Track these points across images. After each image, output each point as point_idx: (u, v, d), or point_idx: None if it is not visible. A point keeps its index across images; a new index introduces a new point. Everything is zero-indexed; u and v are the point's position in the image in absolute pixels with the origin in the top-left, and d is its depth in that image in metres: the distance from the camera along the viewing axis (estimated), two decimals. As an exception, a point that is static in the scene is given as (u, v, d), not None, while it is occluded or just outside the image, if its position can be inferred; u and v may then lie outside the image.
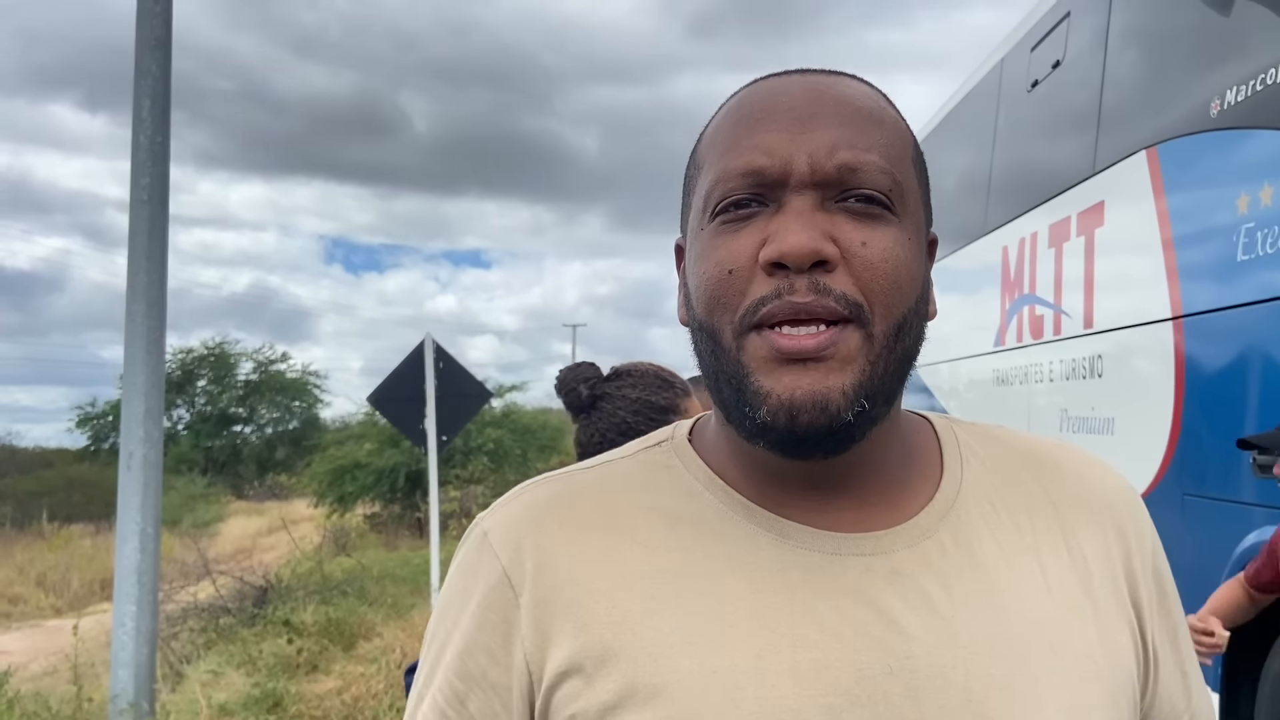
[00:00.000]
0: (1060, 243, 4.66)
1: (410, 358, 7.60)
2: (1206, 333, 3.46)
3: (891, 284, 0.71)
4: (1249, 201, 3.19)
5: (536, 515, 0.78)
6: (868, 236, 0.71)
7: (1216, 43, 3.53)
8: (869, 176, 0.72)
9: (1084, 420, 4.37)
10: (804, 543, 0.74)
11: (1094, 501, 0.81)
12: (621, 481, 0.80)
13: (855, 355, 0.70)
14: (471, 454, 18.53)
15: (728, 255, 0.72)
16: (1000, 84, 5.78)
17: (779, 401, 0.69)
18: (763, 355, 0.70)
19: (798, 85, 0.76)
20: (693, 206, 0.78)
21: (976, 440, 0.84)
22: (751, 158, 0.72)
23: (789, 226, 0.69)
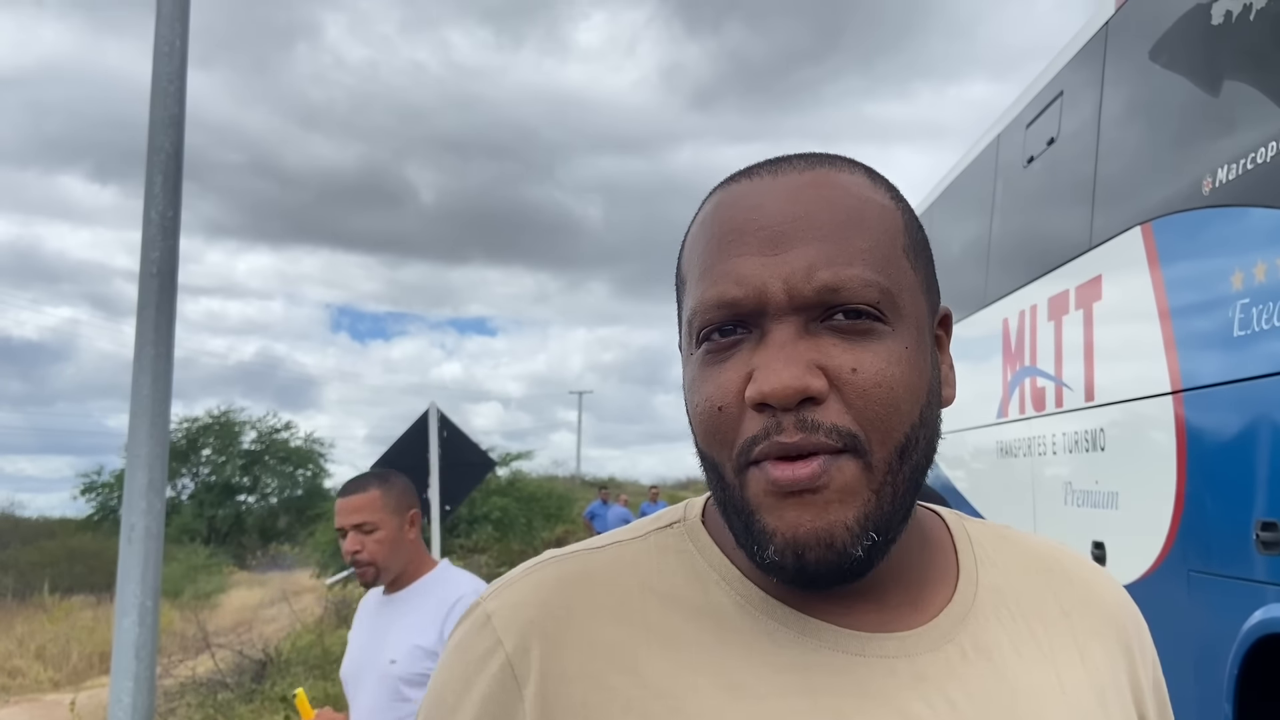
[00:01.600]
0: (1059, 315, 4.69)
1: (414, 426, 7.61)
2: (1207, 407, 3.47)
3: (888, 409, 0.67)
4: (1243, 278, 3.22)
5: (545, 598, 0.74)
6: (858, 360, 0.67)
7: (1207, 122, 3.60)
8: (853, 292, 0.68)
9: (1088, 494, 4.35)
10: (827, 641, 0.71)
11: (1102, 612, 0.80)
12: (633, 565, 0.76)
13: (855, 487, 0.67)
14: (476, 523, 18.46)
15: (716, 391, 0.69)
16: (997, 159, 5.87)
17: (784, 540, 0.67)
18: (762, 490, 0.67)
19: (771, 193, 0.71)
20: (681, 319, 0.76)
21: (988, 540, 0.82)
22: (724, 288, 0.69)
23: (769, 364, 0.66)
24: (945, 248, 7.04)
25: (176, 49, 5.58)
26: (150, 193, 5.46)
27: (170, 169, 5.44)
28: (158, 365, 5.36)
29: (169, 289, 5.48)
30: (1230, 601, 3.29)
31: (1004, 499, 5.53)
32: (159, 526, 5.23)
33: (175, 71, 5.58)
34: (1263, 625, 3.08)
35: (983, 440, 5.89)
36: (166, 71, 5.59)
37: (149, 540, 5.15)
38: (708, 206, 0.75)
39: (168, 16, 5.74)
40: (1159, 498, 3.73)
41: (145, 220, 5.45)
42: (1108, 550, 4.18)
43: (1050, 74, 5.17)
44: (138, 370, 5.35)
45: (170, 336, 5.50)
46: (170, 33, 5.68)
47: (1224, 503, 3.36)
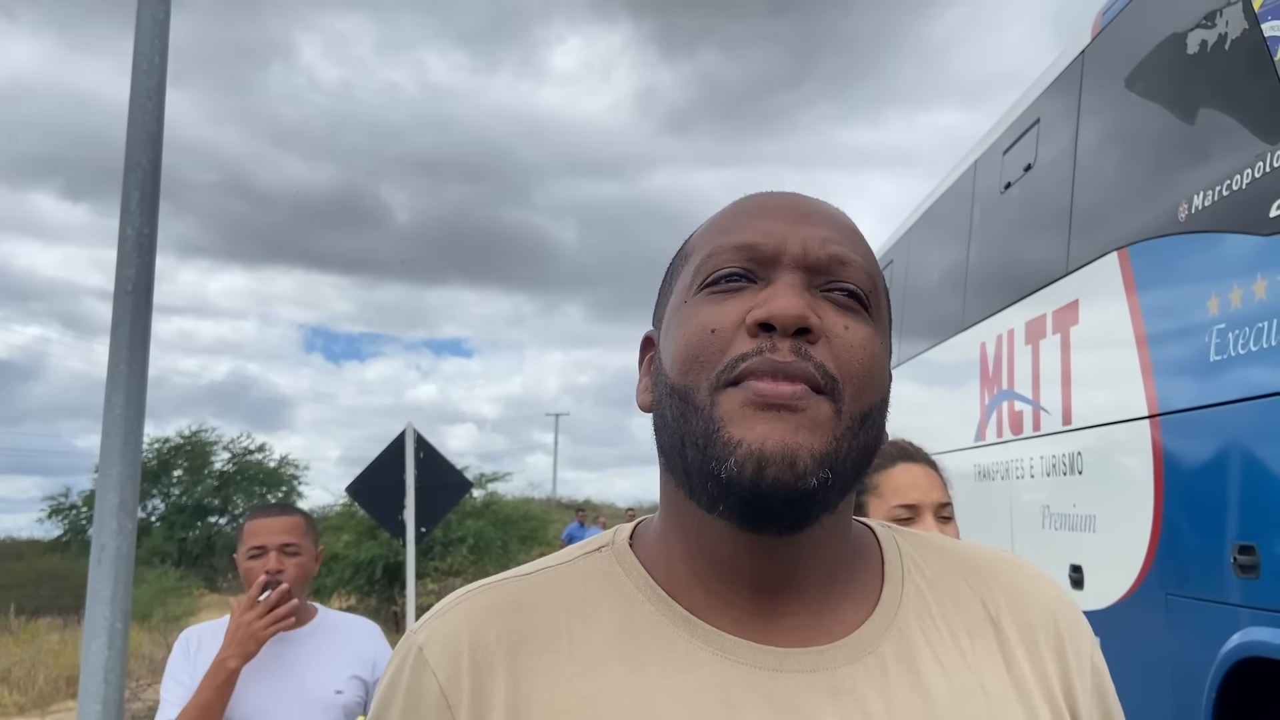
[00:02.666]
0: (1037, 340, 4.72)
1: (390, 447, 7.56)
2: (1184, 431, 3.50)
3: (866, 370, 0.72)
4: (1219, 303, 3.25)
5: (475, 627, 0.76)
6: (849, 323, 0.73)
7: (1183, 149, 3.64)
8: (855, 273, 0.75)
9: (1066, 517, 4.37)
10: (745, 658, 0.72)
11: (1033, 619, 0.80)
12: (561, 590, 0.78)
13: (825, 423, 0.70)
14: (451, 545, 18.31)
15: (712, 317, 0.73)
16: (974, 185, 5.92)
17: (748, 451, 0.68)
18: (737, 404, 0.70)
19: (790, 194, 0.81)
20: (674, 289, 0.81)
21: (918, 550, 0.83)
22: (745, 235, 0.76)
23: (779, 292, 0.72)
24: (923, 272, 7.08)
25: (155, 65, 5.55)
26: (126, 209, 5.41)
27: (147, 186, 5.40)
28: (131, 383, 5.30)
29: (144, 307, 5.42)
30: (1208, 625, 3.30)
31: (981, 522, 5.55)
32: (130, 547, 5.15)
33: (154, 87, 5.55)
34: (1240, 649, 3.09)
35: (960, 463, 5.91)
36: (145, 87, 5.56)
37: (119, 561, 5.08)
38: (728, 206, 0.83)
39: (147, 32, 5.71)
40: (1136, 521, 3.75)
41: (121, 237, 5.40)
42: (1085, 573, 4.19)
43: (1027, 101, 5.23)
44: (111, 388, 5.28)
45: (145, 355, 5.44)
46: (149, 49, 5.65)
47: (1201, 526, 3.38)
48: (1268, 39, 3.03)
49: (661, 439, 0.77)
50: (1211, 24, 3.38)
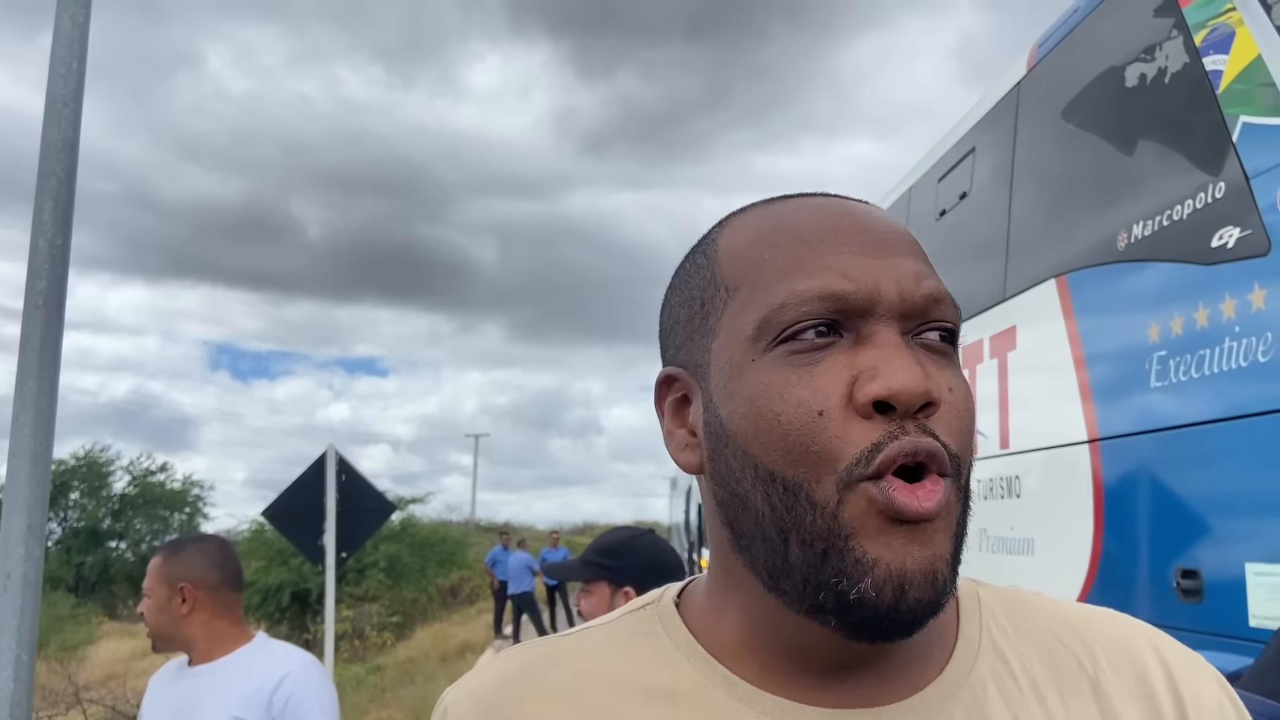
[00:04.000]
0: (974, 364, 4.79)
1: (310, 469, 7.35)
2: (1124, 456, 3.56)
3: (971, 434, 0.65)
4: (1160, 330, 3.32)
5: (501, 688, 0.73)
6: (952, 380, 0.65)
7: (1121, 180, 3.73)
8: (948, 310, 0.66)
9: (1003, 540, 4.42)
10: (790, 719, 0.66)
11: (1139, 671, 0.71)
12: (598, 649, 0.74)
13: (953, 517, 0.63)
14: (366, 570, 17.94)
15: (813, 394, 0.62)
16: (909, 211, 6.01)
17: (887, 572, 0.60)
18: (870, 512, 0.60)
19: (849, 207, 0.69)
20: (719, 332, 0.68)
21: (1000, 603, 0.76)
22: (828, 281, 0.63)
23: (892, 361, 0.61)
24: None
25: (73, 70, 5.33)
26: (39, 220, 5.16)
27: (62, 195, 5.16)
28: (40, 401, 5.04)
29: (55, 321, 5.17)
30: (1150, 648, 3.35)
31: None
32: (37, 575, 4.88)
33: (71, 94, 5.33)
34: (1183, 671, 3.14)
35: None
36: (62, 93, 5.33)
37: (26, 590, 4.80)
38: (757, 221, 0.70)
39: (65, 36, 5.49)
40: (1075, 545, 3.80)
41: (32, 249, 5.15)
42: (1022, 597, 4.24)
43: (961, 131, 5.32)
44: (19, 407, 5.02)
45: (55, 371, 5.18)
46: (67, 53, 5.43)
47: (1142, 551, 3.44)
48: (1209, 72, 3.12)
49: (742, 522, 0.66)
50: (1150, 57, 3.47)
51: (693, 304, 0.72)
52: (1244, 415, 2.91)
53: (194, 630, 2.55)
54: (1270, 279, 2.80)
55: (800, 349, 0.63)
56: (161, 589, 2.55)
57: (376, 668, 14.57)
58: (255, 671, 2.51)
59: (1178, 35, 3.31)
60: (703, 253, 0.73)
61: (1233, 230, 2.96)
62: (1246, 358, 2.88)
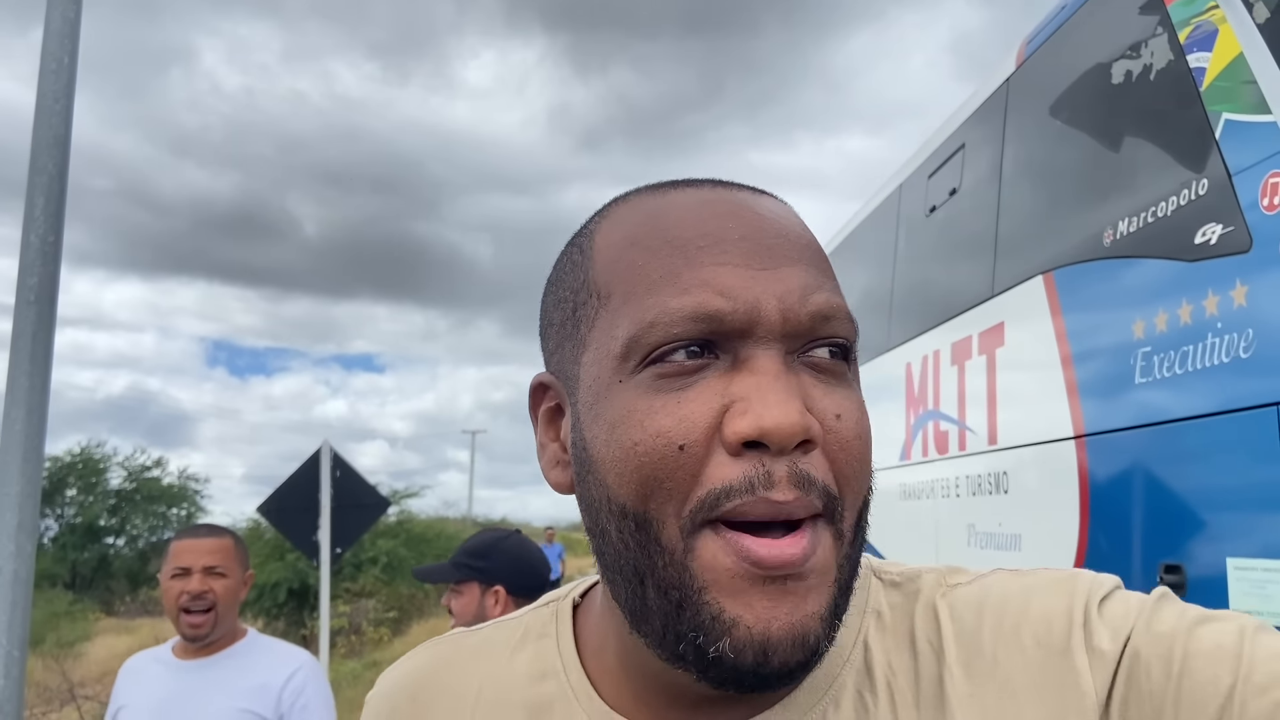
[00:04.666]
0: (963, 360, 4.80)
1: (305, 465, 7.37)
2: (1109, 452, 3.57)
3: (862, 465, 0.59)
4: (1145, 326, 3.33)
5: (404, 685, 0.76)
6: (839, 406, 0.59)
7: (1108, 177, 3.74)
8: (841, 325, 0.60)
9: (991, 536, 4.43)
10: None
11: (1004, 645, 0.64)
12: (495, 649, 0.75)
13: (829, 565, 0.57)
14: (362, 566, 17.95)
15: (676, 425, 0.56)
16: (899, 208, 6.02)
17: (747, 636, 0.54)
18: (725, 567, 0.55)
19: (737, 207, 0.61)
20: (589, 344, 0.62)
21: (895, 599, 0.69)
22: (704, 298, 0.57)
23: (767, 393, 0.55)
24: (847, 294, 7.16)
25: (65, 66, 5.33)
26: (30, 216, 5.17)
27: (53, 191, 5.17)
28: (32, 398, 5.05)
29: (47, 317, 5.18)
30: (1134, 642, 3.36)
31: (907, 541, 5.61)
32: (29, 571, 4.89)
33: (62, 90, 5.33)
34: (1166, 665, 3.16)
35: (885, 482, 5.98)
36: (53, 90, 5.33)
37: (17, 586, 4.81)
38: (634, 214, 0.63)
39: (56, 32, 5.48)
40: (1061, 541, 3.82)
41: (24, 245, 5.15)
42: (1010, 592, 4.26)
43: (951, 127, 5.33)
44: (10, 403, 5.02)
45: (47, 368, 5.19)
46: (59, 49, 5.42)
47: (1127, 546, 3.45)
48: (1193, 70, 3.13)
49: (605, 554, 0.61)
50: (1137, 54, 3.48)
51: (565, 306, 0.66)
52: (1226, 411, 2.93)
53: (233, 618, 2.57)
54: (1251, 275, 2.82)
55: (668, 372, 0.57)
56: (237, 570, 2.57)
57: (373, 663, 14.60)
58: (261, 666, 2.52)
59: (1163, 32, 3.32)
60: (579, 248, 0.67)
61: (1215, 227, 2.98)
62: (1229, 354, 2.90)
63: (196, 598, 2.49)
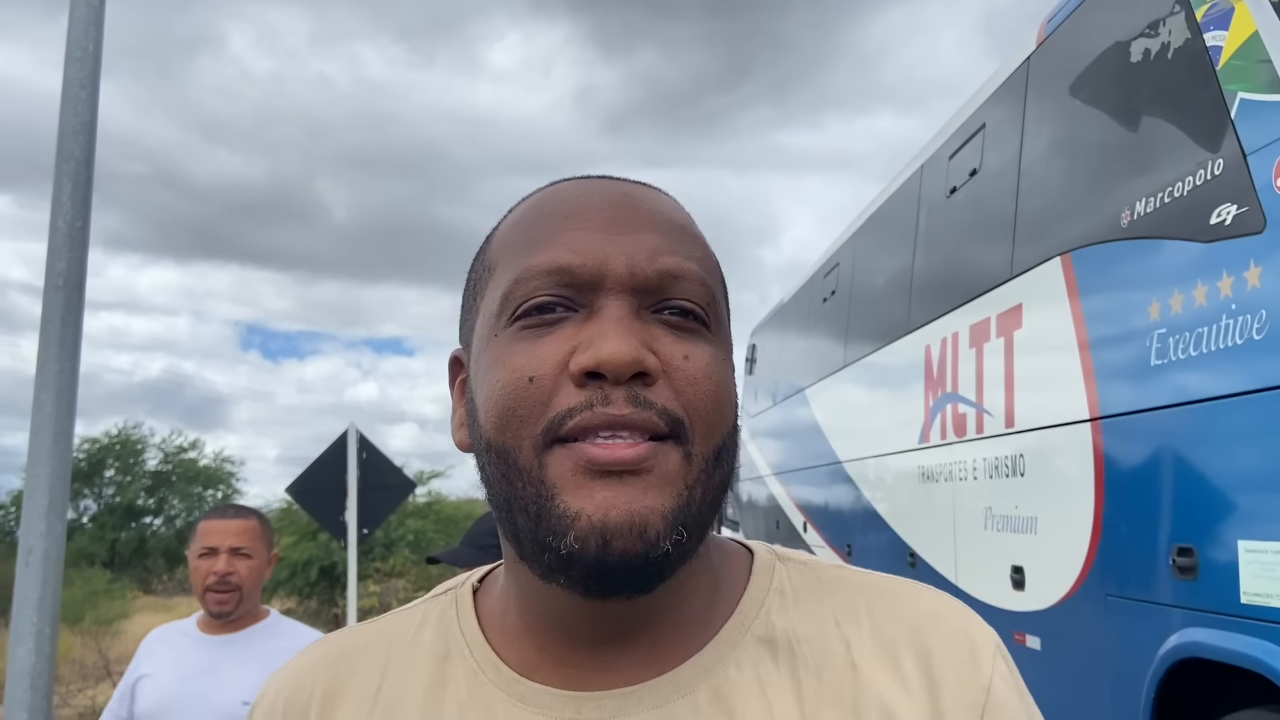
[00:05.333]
0: (981, 343, 4.77)
1: (332, 447, 7.44)
2: (1125, 434, 3.55)
3: (713, 402, 0.64)
4: (1160, 308, 3.30)
5: (301, 682, 0.75)
6: (689, 350, 0.65)
7: (1126, 157, 3.70)
8: (690, 287, 0.66)
9: (1008, 519, 4.42)
10: (541, 705, 0.68)
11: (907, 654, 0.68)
12: (391, 639, 0.76)
13: (674, 476, 0.62)
14: (393, 546, 18.12)
15: (528, 361, 0.63)
16: (920, 189, 5.98)
17: (589, 524, 0.60)
18: (569, 470, 0.61)
19: (607, 187, 0.70)
20: (481, 311, 0.70)
21: (800, 579, 0.74)
22: (558, 254, 0.65)
23: (607, 331, 0.62)
24: (868, 276, 7.13)
25: (90, 53, 5.39)
26: (58, 201, 5.24)
27: (80, 177, 5.24)
28: (61, 381, 5.13)
29: (75, 302, 5.26)
30: (1147, 626, 3.35)
31: (925, 524, 5.60)
32: (59, 550, 4.99)
33: (88, 76, 5.39)
34: (1179, 649, 3.15)
35: (904, 465, 5.97)
36: (79, 76, 5.40)
37: (48, 564, 4.91)
38: (530, 199, 0.73)
39: (81, 20, 5.55)
40: (1077, 523, 3.80)
41: (51, 230, 5.23)
42: (1027, 575, 4.24)
43: (973, 107, 5.28)
44: (40, 386, 5.12)
45: (76, 351, 5.28)
46: (84, 36, 5.48)
47: (1141, 528, 3.43)
48: (1209, 48, 3.08)
49: (488, 494, 0.68)
50: (1155, 33, 3.43)
51: (469, 286, 0.75)
52: (1240, 393, 2.90)
53: (257, 597, 2.63)
54: (1265, 256, 2.79)
55: (531, 324, 0.65)
56: (263, 551, 2.63)
57: (402, 642, 14.77)
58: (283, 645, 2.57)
59: (1180, 10, 3.28)
60: (486, 237, 0.75)
61: (1230, 207, 2.94)
62: (1242, 335, 2.87)
63: (222, 578, 2.55)
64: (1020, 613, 4.28)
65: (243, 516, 2.66)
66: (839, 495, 7.54)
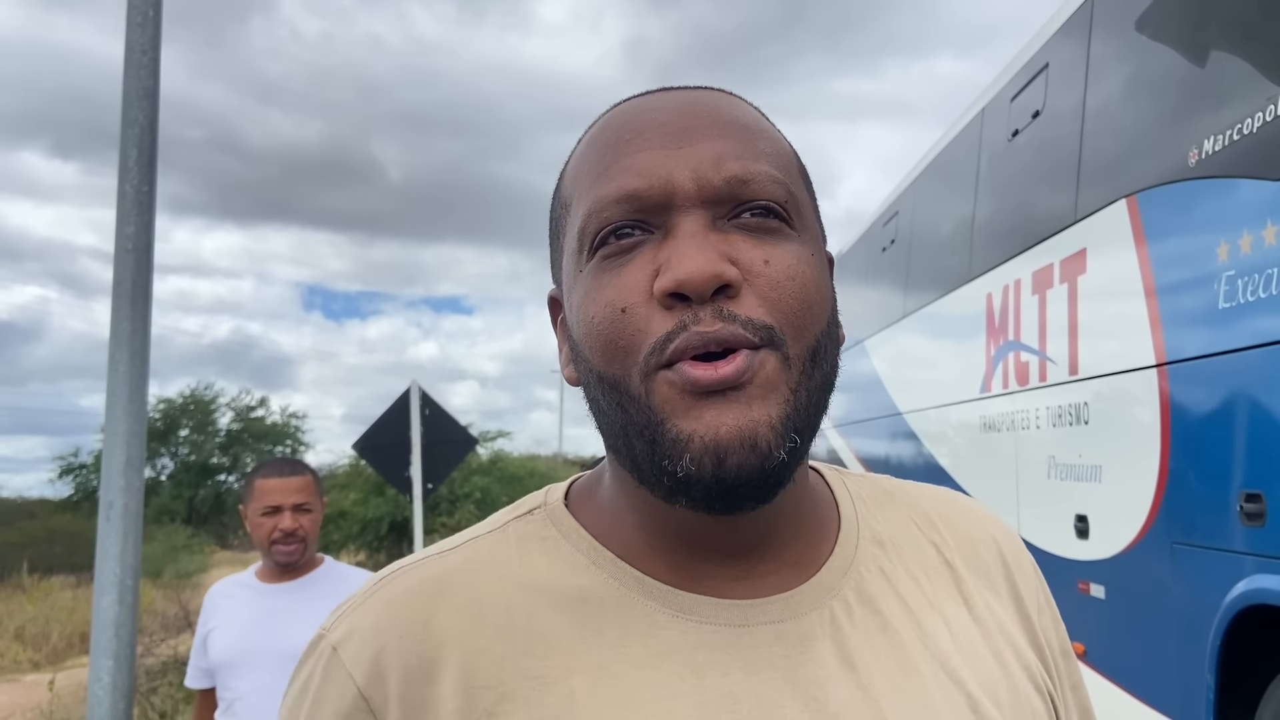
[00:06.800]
0: (1044, 290, 4.68)
1: (396, 404, 7.58)
2: (1191, 380, 3.47)
3: (801, 303, 0.64)
4: (1229, 249, 3.21)
5: (395, 617, 0.67)
6: (769, 254, 0.64)
7: (1194, 93, 3.58)
8: (763, 187, 0.65)
9: (1071, 467, 4.36)
10: (708, 616, 0.67)
11: (982, 557, 0.78)
12: (491, 560, 0.70)
13: (776, 382, 0.62)
14: (458, 502, 18.44)
15: (617, 293, 0.64)
16: (981, 133, 5.85)
17: (702, 444, 0.61)
18: (675, 393, 0.62)
19: (669, 98, 0.69)
20: (565, 249, 0.70)
21: (868, 493, 0.80)
22: (624, 181, 0.65)
23: (682, 251, 0.62)
24: (929, 224, 7.02)
25: (150, 19, 5.48)
26: (124, 167, 5.36)
27: (145, 142, 5.35)
28: (134, 341, 5.29)
29: (145, 265, 5.40)
30: (1213, 573, 3.30)
31: (987, 473, 5.55)
32: (138, 504, 5.17)
33: (149, 42, 5.48)
34: (1246, 596, 3.10)
35: (965, 415, 5.90)
36: (140, 42, 5.49)
37: (128, 518, 5.10)
38: (595, 126, 0.72)
39: (141, -14, 5.62)
40: (1142, 471, 3.74)
41: (120, 195, 5.36)
42: (1090, 523, 4.19)
43: (1035, 46, 5.14)
44: (114, 347, 5.28)
45: (147, 313, 5.42)
46: (144, 3, 5.57)
47: (1208, 475, 3.37)
48: (1283, -22, 2.96)
49: (600, 423, 0.69)
50: (1225, -37, 3.30)
51: (552, 225, 0.75)
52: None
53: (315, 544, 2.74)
54: (1340, 193, 2.69)
55: (611, 253, 0.65)
56: (318, 503, 2.75)
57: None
58: (341, 589, 2.68)
59: (1252, -62, 3.15)
60: (560, 173, 0.75)
61: (1303, 143, 2.84)
62: (1315, 276, 2.78)
63: (289, 535, 2.65)
64: (1084, 561, 4.24)
65: (299, 473, 2.77)
66: (899, 447, 7.49)
